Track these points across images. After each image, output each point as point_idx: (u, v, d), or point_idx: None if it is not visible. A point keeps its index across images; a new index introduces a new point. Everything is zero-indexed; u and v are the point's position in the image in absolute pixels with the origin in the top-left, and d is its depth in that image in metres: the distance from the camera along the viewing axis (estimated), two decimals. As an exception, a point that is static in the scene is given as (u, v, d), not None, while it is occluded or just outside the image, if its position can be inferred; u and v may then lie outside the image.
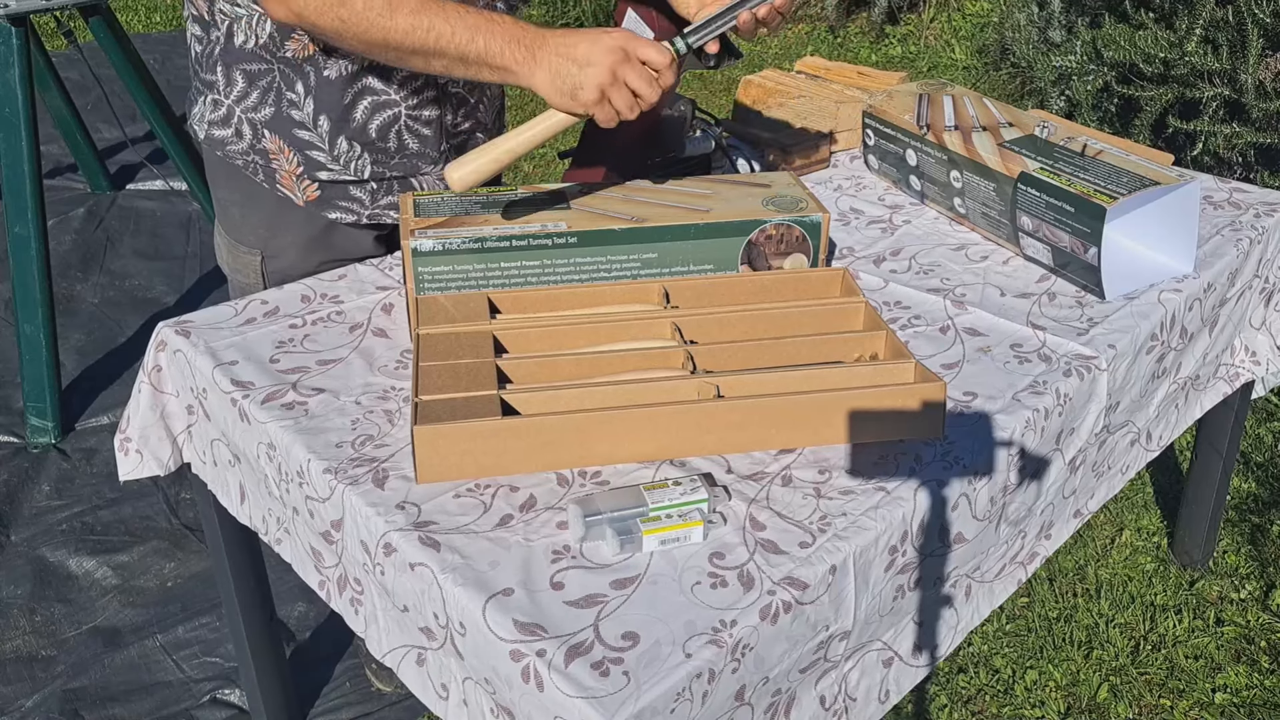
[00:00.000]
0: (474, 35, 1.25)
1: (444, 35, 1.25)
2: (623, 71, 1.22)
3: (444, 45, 1.26)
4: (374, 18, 1.25)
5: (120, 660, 2.04)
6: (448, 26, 1.25)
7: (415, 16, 1.25)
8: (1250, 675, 1.97)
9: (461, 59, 1.27)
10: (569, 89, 1.24)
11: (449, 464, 1.10)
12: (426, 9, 1.25)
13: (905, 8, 5.29)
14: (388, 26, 1.25)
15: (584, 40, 1.23)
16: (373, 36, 1.27)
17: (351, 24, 1.26)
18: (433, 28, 1.25)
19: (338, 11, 1.25)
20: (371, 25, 1.26)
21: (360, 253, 1.57)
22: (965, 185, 1.60)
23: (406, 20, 1.25)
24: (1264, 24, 2.87)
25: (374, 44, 1.28)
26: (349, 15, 1.25)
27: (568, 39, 1.24)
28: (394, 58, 1.30)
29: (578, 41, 1.23)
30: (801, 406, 1.15)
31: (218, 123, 1.49)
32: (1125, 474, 1.52)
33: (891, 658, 1.18)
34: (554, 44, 1.24)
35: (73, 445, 2.62)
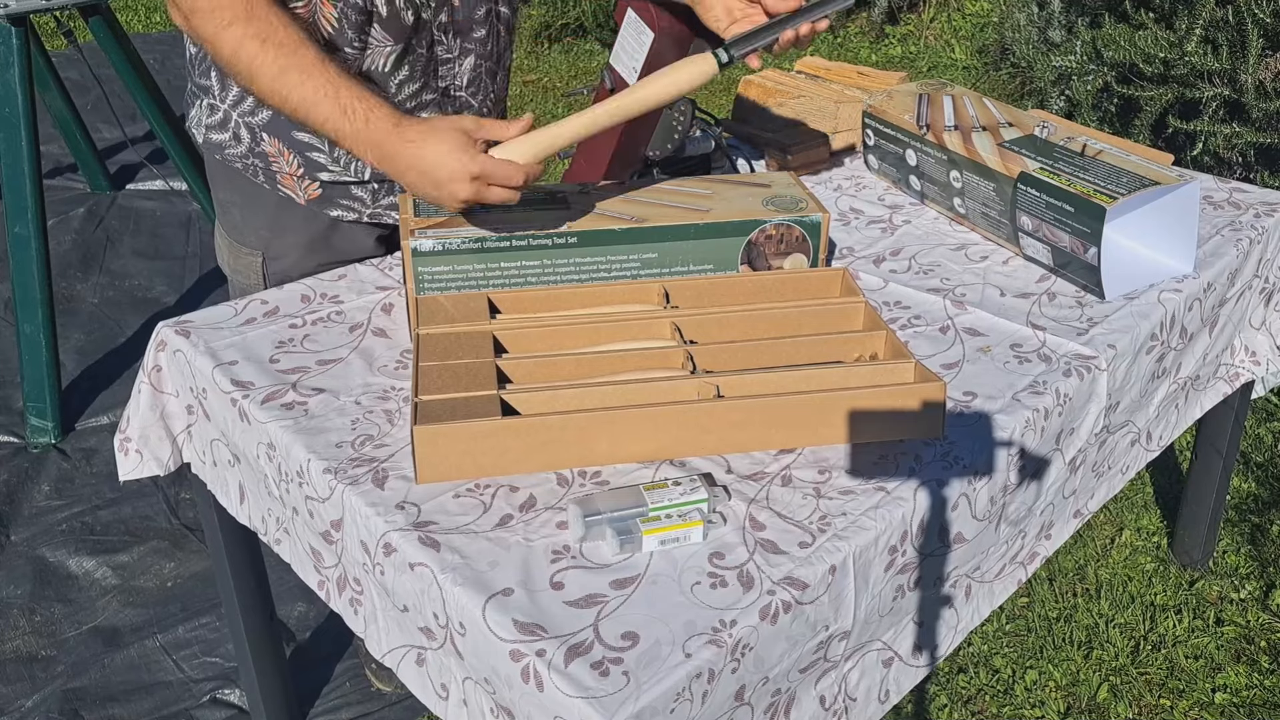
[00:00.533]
0: (325, 121, 1.25)
1: (298, 111, 1.25)
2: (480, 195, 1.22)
3: (300, 118, 1.26)
4: (238, 71, 1.27)
5: (120, 660, 2.04)
6: (302, 105, 1.25)
7: (274, 83, 1.25)
8: (1250, 675, 1.97)
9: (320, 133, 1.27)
10: (432, 199, 1.25)
11: (449, 464, 1.10)
12: (286, 78, 1.24)
13: (905, 8, 5.29)
14: (247, 83, 1.27)
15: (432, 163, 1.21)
16: (240, 83, 1.29)
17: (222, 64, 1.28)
18: (288, 100, 1.25)
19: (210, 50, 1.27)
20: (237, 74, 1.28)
21: (361, 254, 1.57)
22: (965, 185, 1.60)
23: (266, 83, 1.25)
24: (1264, 24, 2.86)
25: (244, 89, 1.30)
26: (218, 57, 1.27)
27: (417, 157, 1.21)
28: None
29: (428, 162, 1.21)
30: (801, 406, 1.15)
31: (215, 126, 1.49)
32: (1125, 474, 1.52)
33: (891, 658, 1.18)
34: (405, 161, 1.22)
35: (73, 445, 2.62)
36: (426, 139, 1.21)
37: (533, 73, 5.15)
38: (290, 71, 1.24)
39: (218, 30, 1.24)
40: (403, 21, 1.41)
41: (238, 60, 1.25)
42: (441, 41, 1.47)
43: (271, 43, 1.23)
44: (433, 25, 1.45)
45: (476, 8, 1.48)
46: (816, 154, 1.87)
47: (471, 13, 1.47)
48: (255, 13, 1.23)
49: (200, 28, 1.25)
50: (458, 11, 1.46)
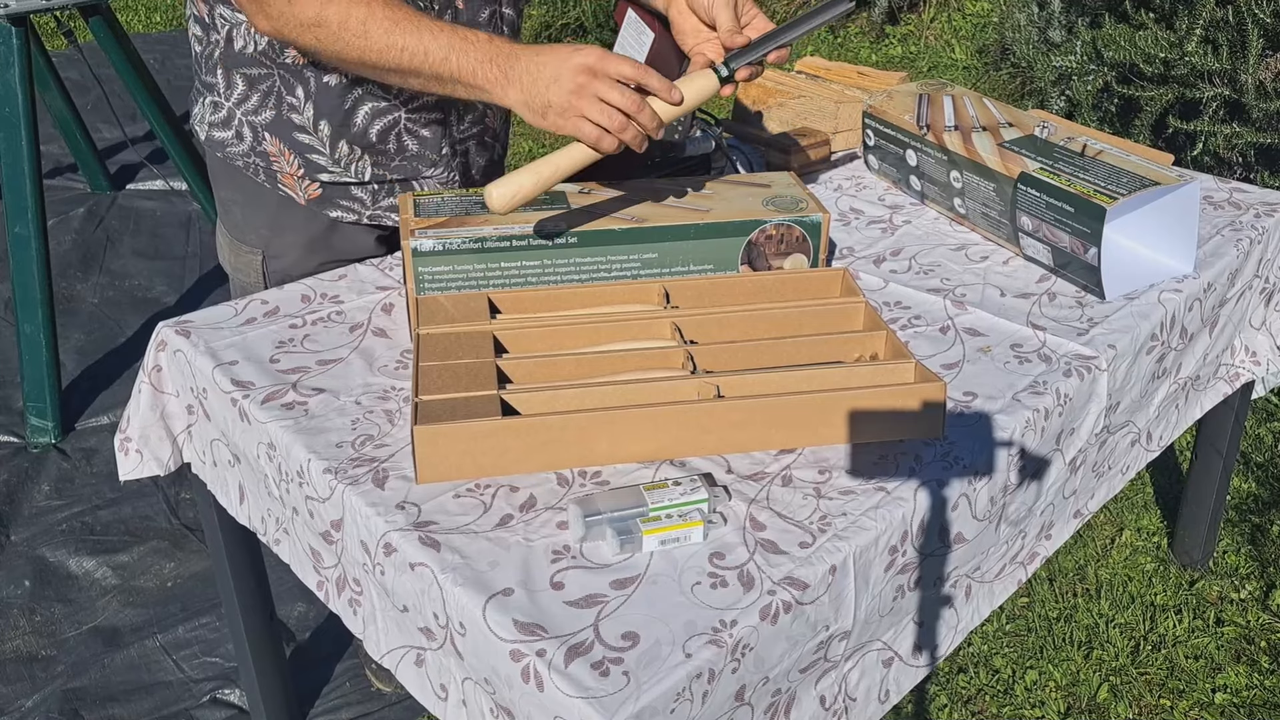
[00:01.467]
0: (448, 54, 1.25)
1: (418, 55, 1.25)
2: (591, 86, 1.20)
3: (419, 65, 1.26)
4: (348, 37, 1.26)
5: (120, 660, 2.04)
6: (422, 46, 1.25)
7: (389, 36, 1.25)
8: (1250, 675, 1.97)
9: (437, 78, 1.27)
10: (539, 107, 1.23)
11: (449, 464, 1.10)
12: (401, 28, 1.25)
13: (905, 8, 5.29)
14: (362, 46, 1.26)
15: (554, 58, 1.22)
16: (348, 55, 1.28)
17: (327, 42, 1.27)
18: (407, 47, 1.25)
19: (314, 30, 1.26)
20: (346, 45, 1.26)
21: (362, 253, 1.57)
22: (965, 185, 1.60)
23: (380, 40, 1.25)
24: (1264, 24, 2.86)
25: (350, 61, 1.29)
26: (324, 34, 1.26)
27: (539, 57, 1.23)
28: (372, 74, 1.31)
29: (548, 60, 1.22)
30: (801, 406, 1.15)
31: (218, 124, 1.49)
32: (1125, 474, 1.52)
33: (891, 658, 1.18)
34: (525, 62, 1.23)
35: (73, 445, 2.62)
36: (550, 47, 1.23)
37: (533, 73, 5.15)
38: (403, 23, 1.25)
39: (322, 7, 1.25)
40: None
41: (347, 26, 1.25)
42: None
43: (377, 2, 1.25)
44: None
45: (481, 10, 1.48)
46: (816, 154, 1.87)
47: (476, 15, 1.47)
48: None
49: (301, 11, 1.26)
50: (462, 14, 1.46)
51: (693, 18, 1.36)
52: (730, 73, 1.29)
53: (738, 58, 1.30)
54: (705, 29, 1.36)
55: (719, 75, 1.28)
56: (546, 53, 1.23)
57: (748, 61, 1.29)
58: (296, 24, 1.27)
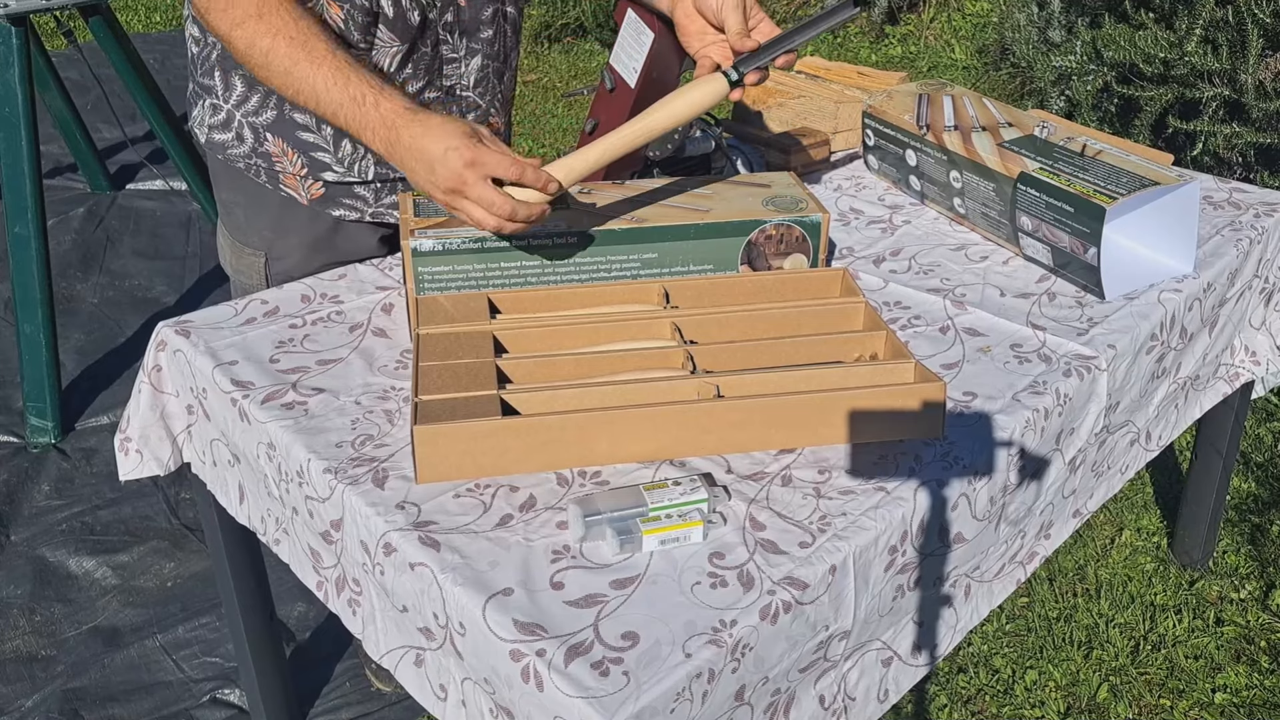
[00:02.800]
0: (337, 111, 1.27)
1: (310, 101, 1.28)
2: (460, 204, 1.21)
3: (312, 108, 1.29)
4: (254, 65, 1.30)
5: (120, 660, 2.04)
6: (314, 95, 1.27)
7: (287, 76, 1.27)
8: (1250, 675, 1.97)
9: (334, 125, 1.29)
10: (421, 188, 1.25)
11: (449, 464, 1.10)
12: (300, 70, 1.26)
13: (905, 8, 5.29)
14: (264, 75, 1.30)
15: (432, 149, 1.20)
16: (258, 78, 1.31)
17: (238, 56, 1.30)
18: (300, 92, 1.28)
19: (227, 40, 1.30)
20: (254, 69, 1.30)
21: (364, 254, 1.57)
22: (965, 185, 1.60)
23: (279, 77, 1.28)
24: (1264, 24, 2.86)
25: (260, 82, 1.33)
26: (233, 52, 1.30)
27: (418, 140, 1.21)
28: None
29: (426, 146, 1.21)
30: (801, 406, 1.15)
31: (218, 126, 1.49)
32: (1125, 474, 1.52)
33: (891, 657, 1.18)
34: (405, 144, 1.23)
35: (73, 445, 2.62)
36: (431, 122, 1.22)
37: (532, 73, 5.16)
38: (301, 64, 1.26)
39: (231, 28, 1.27)
40: (408, 22, 1.41)
41: (251, 56, 1.28)
42: (447, 41, 1.47)
43: (283, 37, 1.26)
44: (438, 25, 1.45)
45: (483, 8, 1.48)
46: (816, 154, 1.87)
47: (478, 13, 1.47)
48: (266, 9, 1.26)
49: (216, 24, 1.29)
50: (464, 12, 1.46)
51: (699, 20, 1.36)
52: (740, 77, 1.28)
53: (747, 62, 1.29)
54: (712, 31, 1.36)
55: (729, 79, 1.28)
56: (426, 136, 1.21)
57: (756, 66, 1.29)
58: (214, 33, 1.31)
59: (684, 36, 1.39)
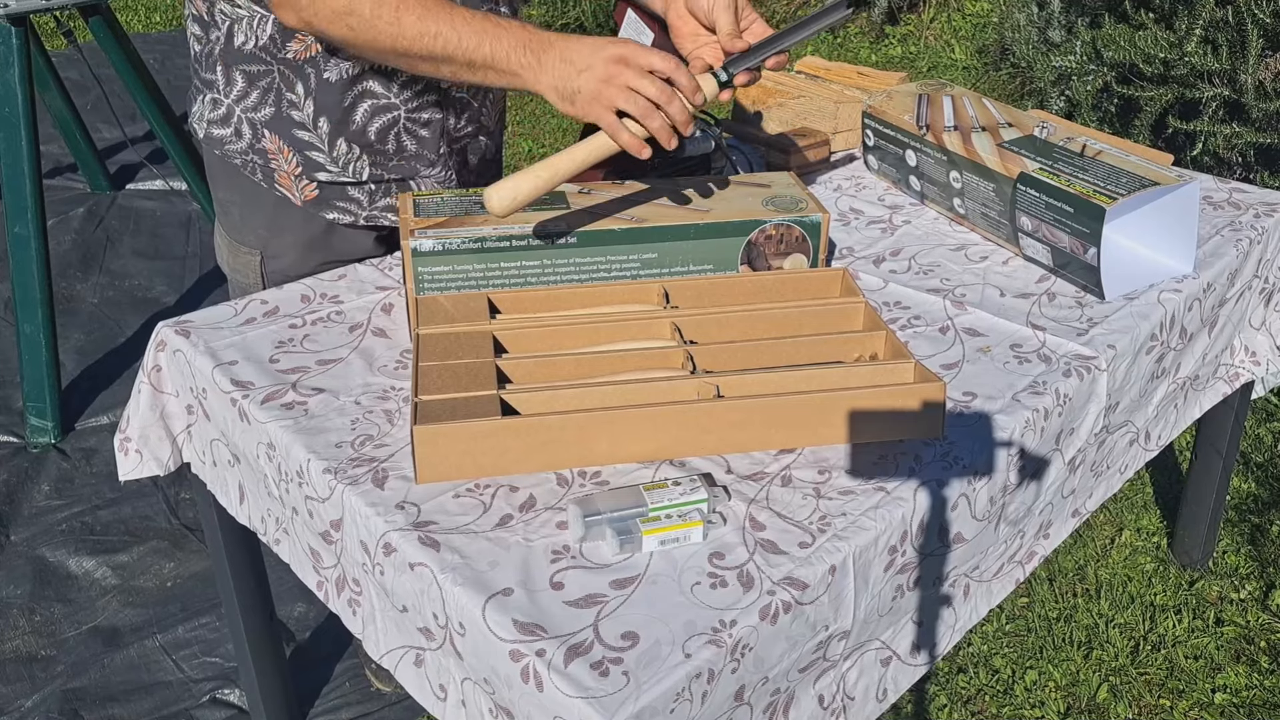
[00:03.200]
0: (481, 40, 1.25)
1: (451, 41, 1.25)
2: (622, 75, 1.21)
3: (451, 51, 1.26)
4: (382, 25, 1.26)
5: (120, 660, 2.04)
6: (454, 32, 1.25)
7: (422, 23, 1.25)
8: (1250, 675, 1.97)
9: (469, 64, 1.27)
10: (568, 93, 1.23)
11: (449, 464, 1.10)
12: (433, 15, 1.25)
13: (905, 8, 5.29)
14: (395, 33, 1.26)
15: (588, 47, 1.23)
16: (381, 44, 1.28)
17: (360, 31, 1.27)
18: (439, 34, 1.25)
19: (346, 20, 1.26)
20: (379, 33, 1.26)
21: (360, 254, 1.57)
22: (965, 186, 1.60)
23: (414, 27, 1.25)
24: (1264, 24, 2.86)
25: (383, 50, 1.29)
26: (357, 23, 1.26)
27: (571, 44, 1.24)
28: (404, 64, 1.31)
29: (581, 48, 1.23)
30: (801, 406, 1.15)
31: (217, 122, 1.49)
32: (1124, 474, 1.52)
33: (890, 657, 1.18)
34: (559, 48, 1.24)
35: (73, 445, 2.62)
36: (580, 36, 1.24)
37: (533, 73, 5.15)
38: (433, 11, 1.25)
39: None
40: None
41: (379, 16, 1.25)
42: None
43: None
44: None
45: (478, 8, 1.48)
46: (816, 154, 1.87)
47: None
48: None
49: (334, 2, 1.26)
50: None
51: (692, 21, 1.36)
52: (729, 78, 1.28)
53: (737, 62, 1.29)
54: (704, 32, 1.36)
55: (718, 80, 1.28)
56: (580, 42, 1.24)
57: (746, 67, 1.29)
58: (328, 14, 1.27)
59: (677, 38, 1.39)
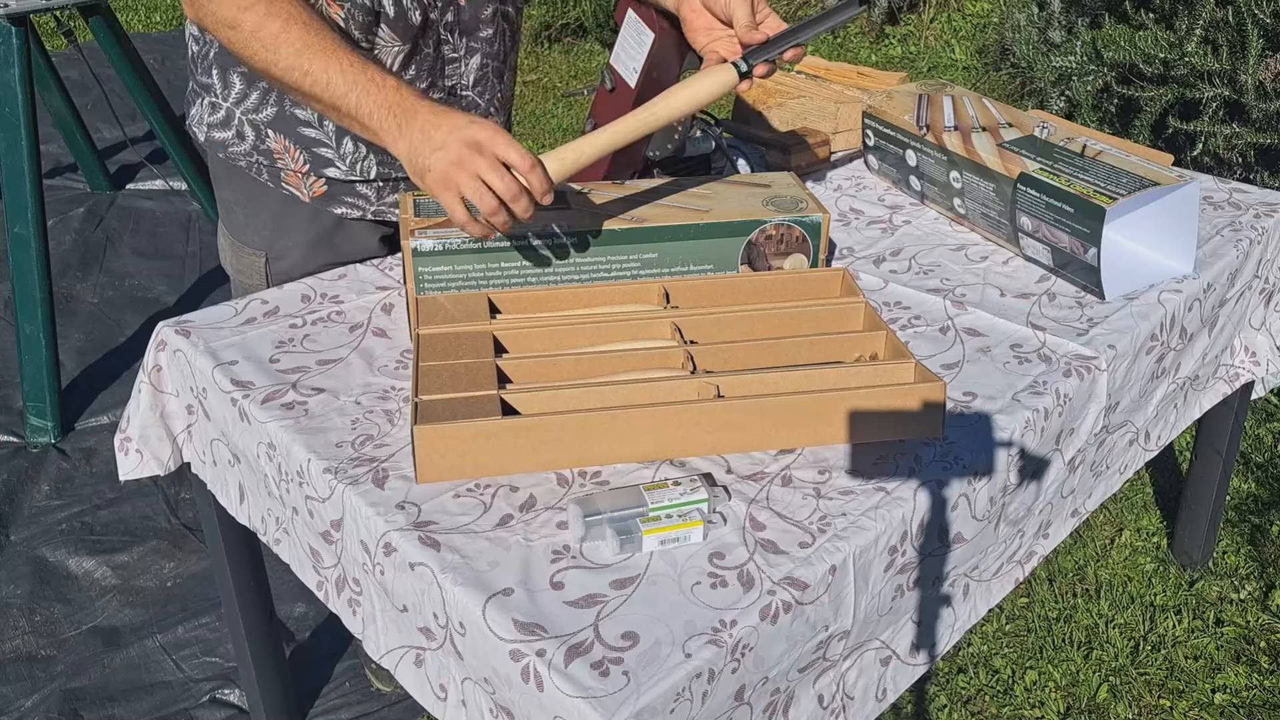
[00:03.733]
0: (349, 90, 1.25)
1: (320, 82, 1.25)
2: (472, 162, 1.19)
3: (319, 92, 1.26)
4: (258, 47, 1.26)
5: (120, 660, 2.04)
6: (325, 75, 1.25)
7: (298, 57, 1.25)
8: (1250, 675, 1.97)
9: (335, 109, 1.27)
10: (420, 168, 1.22)
11: (449, 464, 1.10)
12: (311, 52, 1.25)
13: (905, 8, 5.29)
14: (269, 59, 1.26)
15: (446, 124, 1.20)
16: (255, 64, 1.28)
17: (238, 46, 1.28)
18: (311, 72, 1.25)
19: (228, 30, 1.27)
20: (255, 54, 1.27)
21: (364, 254, 1.57)
22: (965, 186, 1.60)
23: (288, 59, 1.25)
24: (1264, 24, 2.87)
25: (257, 71, 1.30)
26: (236, 37, 1.27)
27: (434, 118, 1.21)
28: (279, 88, 1.31)
29: (442, 124, 1.21)
30: (801, 406, 1.15)
31: (217, 125, 1.49)
32: (1123, 473, 1.52)
33: (889, 656, 1.18)
34: (422, 121, 1.22)
35: (72, 445, 2.62)
36: (453, 111, 1.22)
37: (532, 73, 5.15)
38: (313, 48, 1.25)
39: (239, 10, 1.25)
40: (410, 21, 1.41)
41: (258, 39, 1.25)
42: (448, 41, 1.47)
43: (296, 21, 1.25)
44: (439, 25, 1.45)
45: (483, 7, 1.48)
46: (816, 154, 1.87)
47: (478, 12, 1.47)
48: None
49: (219, 10, 1.26)
50: (464, 11, 1.46)
51: (706, 15, 1.36)
52: (749, 69, 1.29)
53: (756, 54, 1.29)
54: (719, 27, 1.36)
55: (739, 71, 1.28)
56: (445, 117, 1.21)
57: (766, 58, 1.29)
58: (214, 19, 1.28)
59: (690, 32, 1.39)
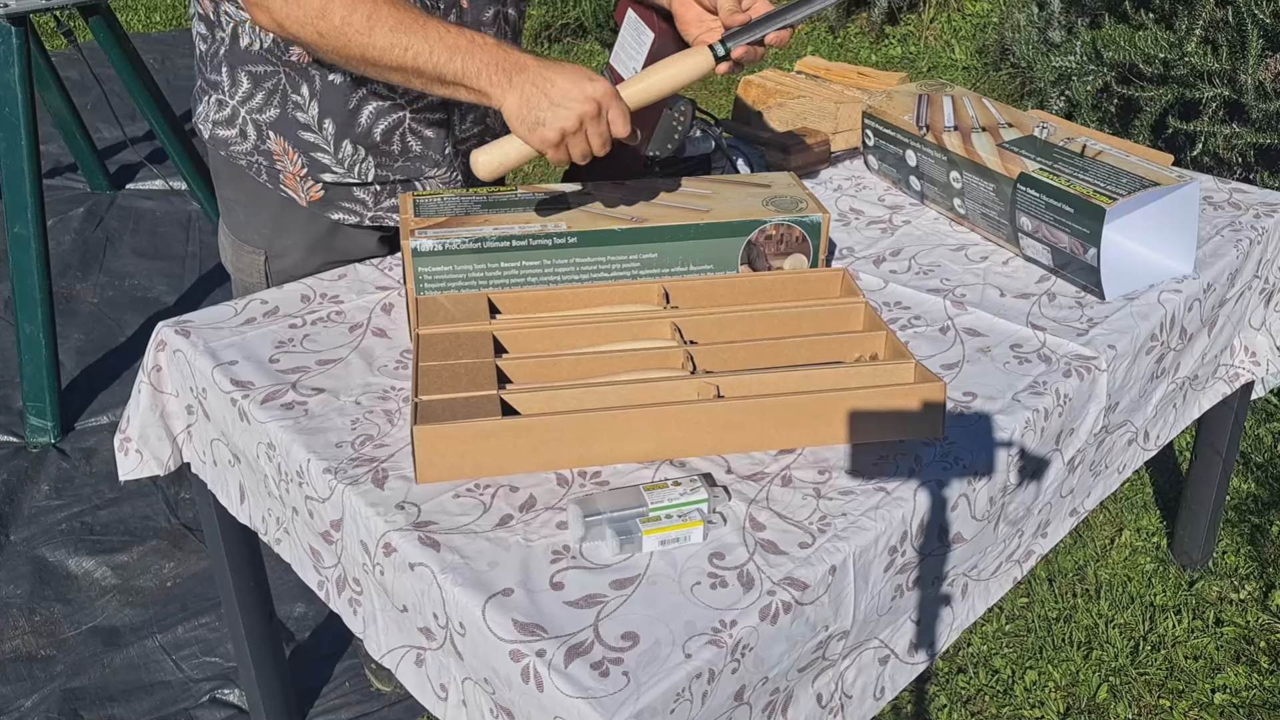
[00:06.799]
0: (452, 56, 1.24)
1: (422, 55, 1.25)
2: (589, 125, 1.21)
3: (421, 64, 1.25)
4: (352, 34, 1.25)
5: (120, 660, 2.04)
6: (426, 46, 1.24)
7: (394, 34, 1.24)
8: (1250, 675, 1.97)
9: (439, 79, 1.26)
10: (533, 120, 1.22)
11: (449, 464, 1.10)
12: (406, 27, 1.24)
13: (905, 8, 5.29)
14: (365, 43, 1.25)
15: (565, 79, 1.21)
16: (351, 52, 1.27)
17: (330, 38, 1.26)
18: (410, 46, 1.24)
19: (317, 25, 1.26)
20: (350, 41, 1.26)
21: (364, 254, 1.57)
22: (965, 186, 1.60)
23: (385, 38, 1.25)
24: (1264, 24, 2.87)
25: (352, 59, 1.28)
26: (327, 29, 1.26)
27: (548, 71, 1.22)
28: (374, 73, 1.30)
29: (557, 77, 1.21)
30: (801, 406, 1.15)
31: (222, 123, 1.49)
32: (1122, 473, 1.52)
33: (888, 655, 1.18)
34: (534, 72, 1.22)
35: (72, 445, 2.62)
36: (557, 61, 1.23)
37: (533, 73, 5.15)
38: (406, 23, 1.24)
39: (326, 2, 1.24)
40: None
41: (351, 22, 1.25)
42: None
43: (383, 1, 1.25)
44: None
45: (485, 9, 1.48)
46: (816, 154, 1.87)
47: (480, 14, 1.47)
48: None
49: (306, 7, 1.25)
50: (466, 13, 1.46)
51: (695, 7, 1.36)
52: (727, 51, 1.28)
53: (735, 36, 1.29)
54: (709, 17, 1.36)
55: (715, 54, 1.27)
56: (557, 71, 1.22)
57: (746, 41, 1.29)
58: (299, 18, 1.26)
59: (682, 26, 1.39)
